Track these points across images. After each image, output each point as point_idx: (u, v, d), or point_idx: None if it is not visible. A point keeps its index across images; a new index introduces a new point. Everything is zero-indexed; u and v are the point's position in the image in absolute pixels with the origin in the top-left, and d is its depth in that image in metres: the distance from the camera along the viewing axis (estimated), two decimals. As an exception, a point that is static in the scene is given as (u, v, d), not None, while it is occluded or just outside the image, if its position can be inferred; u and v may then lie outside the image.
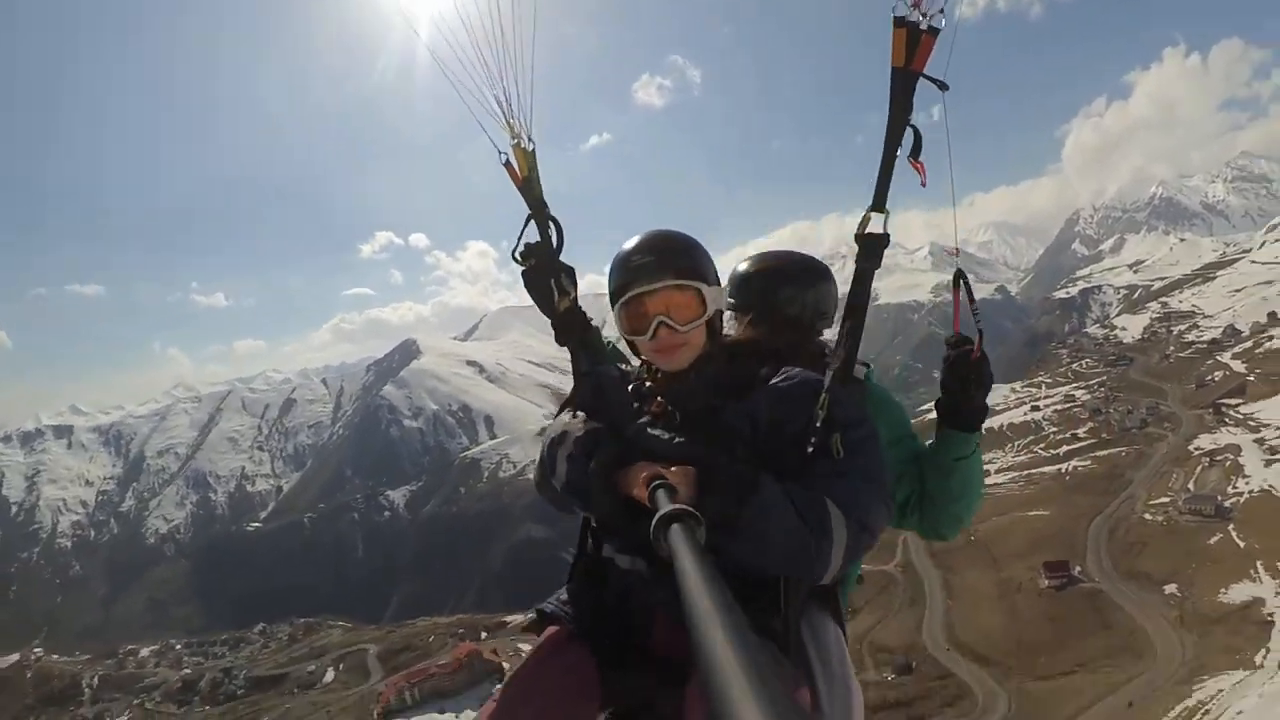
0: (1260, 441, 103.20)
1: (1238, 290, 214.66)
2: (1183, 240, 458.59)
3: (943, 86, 2.59)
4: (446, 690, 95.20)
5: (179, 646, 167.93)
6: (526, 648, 2.33)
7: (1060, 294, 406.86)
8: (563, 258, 3.24)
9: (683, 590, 1.17)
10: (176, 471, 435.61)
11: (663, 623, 2.53)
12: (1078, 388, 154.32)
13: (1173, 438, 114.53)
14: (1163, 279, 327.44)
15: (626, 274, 2.54)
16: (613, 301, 2.60)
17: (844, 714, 2.52)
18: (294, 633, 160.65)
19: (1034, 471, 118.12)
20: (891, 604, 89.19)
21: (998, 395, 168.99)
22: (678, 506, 1.73)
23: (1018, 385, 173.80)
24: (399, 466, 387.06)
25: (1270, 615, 66.67)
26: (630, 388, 2.74)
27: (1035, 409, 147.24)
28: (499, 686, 2.51)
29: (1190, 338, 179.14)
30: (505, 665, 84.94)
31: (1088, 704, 63.64)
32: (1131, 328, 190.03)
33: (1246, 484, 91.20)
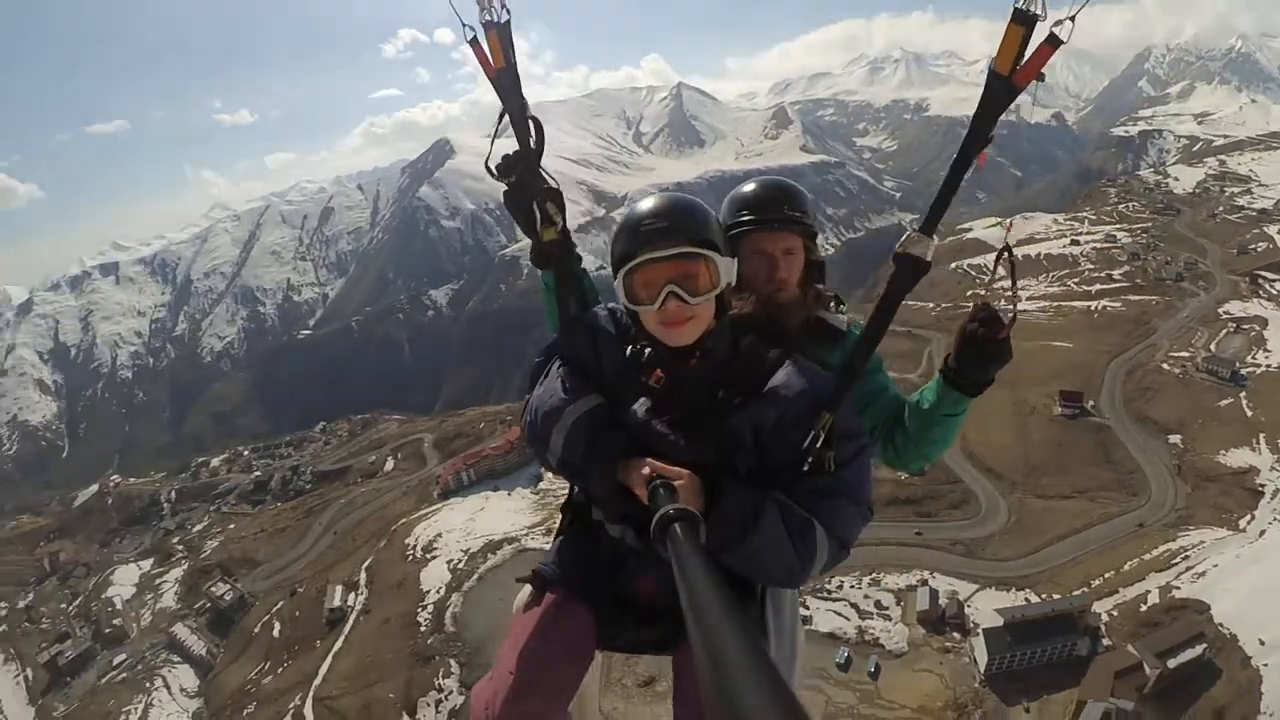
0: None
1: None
2: (1254, 101, 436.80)
3: (1039, 78, 2.34)
4: (499, 470, 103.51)
5: (246, 452, 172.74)
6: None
7: (1118, 131, 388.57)
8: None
9: (684, 593, 1.23)
10: (224, 290, 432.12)
11: (646, 581, 2.73)
12: (1120, 229, 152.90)
13: (1204, 297, 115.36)
14: (1226, 136, 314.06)
15: (636, 239, 2.45)
16: (616, 268, 2.53)
17: (787, 670, 2.83)
18: (353, 428, 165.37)
19: (1064, 304, 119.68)
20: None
21: (1038, 224, 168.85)
22: (678, 507, 1.81)
23: (1061, 217, 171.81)
24: (440, 266, 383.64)
25: (1262, 485, 69.88)
26: (628, 350, 2.69)
27: (1075, 243, 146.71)
28: (506, 654, 2.61)
29: (1241, 202, 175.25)
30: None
31: (1080, 528, 69.24)
32: (1185, 179, 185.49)
33: (1266, 357, 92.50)
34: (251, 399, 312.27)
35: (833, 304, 3.34)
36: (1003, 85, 2.32)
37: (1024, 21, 2.23)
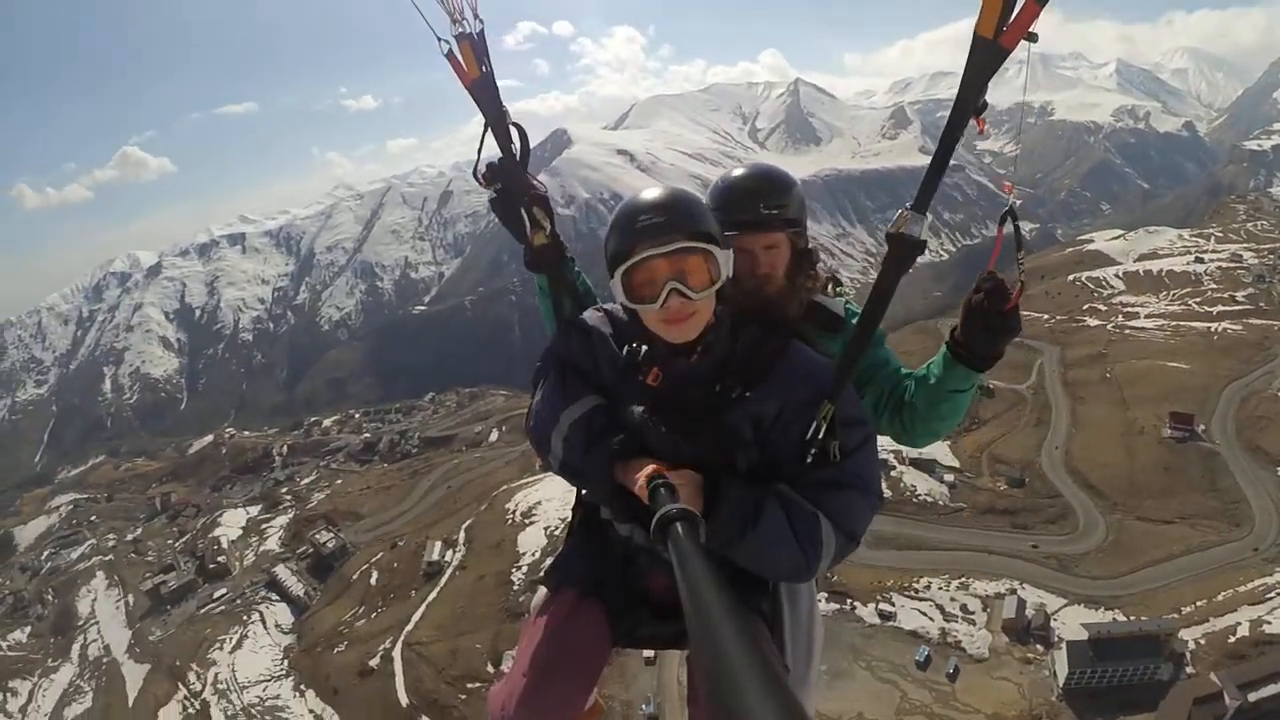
0: None
1: None
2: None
3: (1031, 38, 2.13)
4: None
5: (357, 415, 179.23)
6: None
7: (1251, 144, 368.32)
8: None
9: (684, 593, 1.22)
10: (345, 264, 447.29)
11: (659, 577, 2.72)
12: (1247, 248, 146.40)
13: None
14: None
15: (633, 234, 2.38)
16: (613, 266, 2.45)
17: (804, 666, 2.96)
18: (460, 400, 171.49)
19: (1183, 324, 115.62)
20: (1017, 421, 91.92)
21: (1162, 239, 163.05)
22: (679, 506, 1.76)
23: (1186, 233, 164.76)
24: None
25: None
26: (625, 350, 2.64)
27: (1199, 260, 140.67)
28: (521, 655, 2.63)
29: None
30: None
31: (1178, 553, 68.07)
32: None
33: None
34: (365, 368, 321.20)
35: (830, 286, 3.44)
36: (989, 48, 2.16)
37: None
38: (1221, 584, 63.45)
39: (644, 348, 2.55)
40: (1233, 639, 56.69)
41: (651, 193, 2.45)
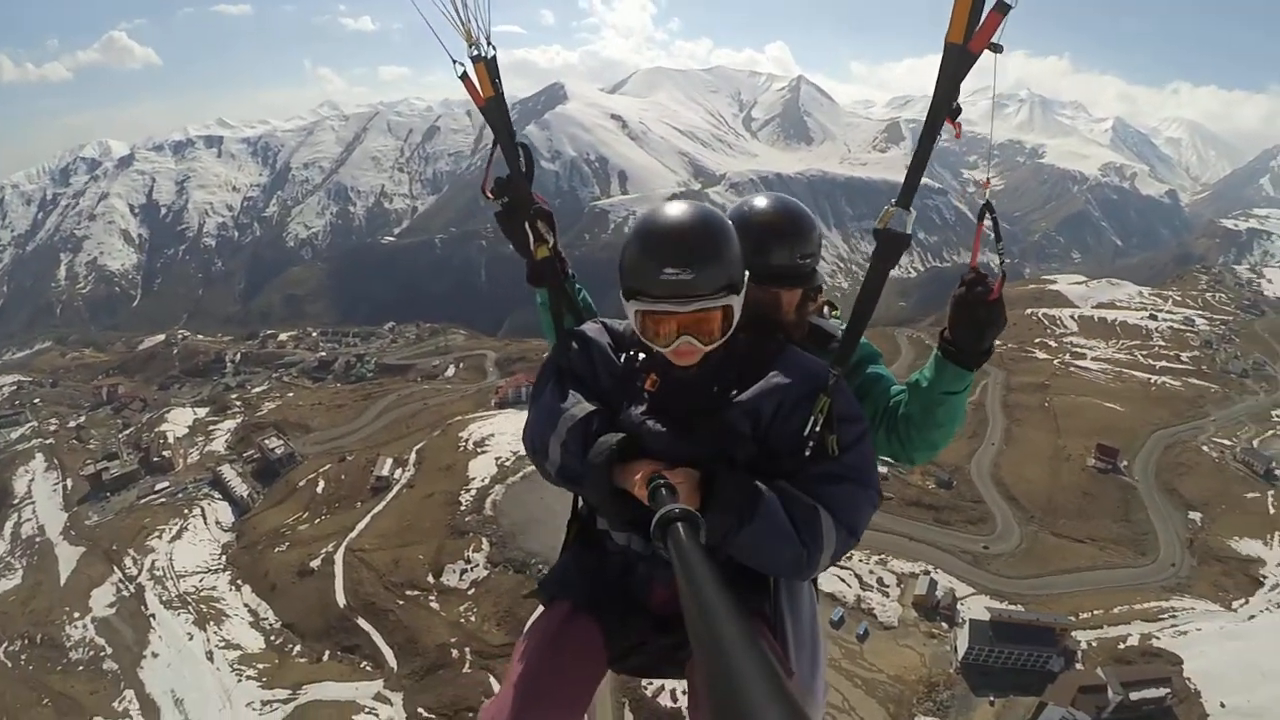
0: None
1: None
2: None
3: (996, 49, 2.26)
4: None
5: (315, 334, 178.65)
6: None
7: (1228, 222, 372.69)
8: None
9: (684, 593, 1.20)
10: (319, 184, 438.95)
11: (659, 587, 2.72)
12: (1201, 315, 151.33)
13: (1263, 397, 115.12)
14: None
15: (653, 284, 2.31)
16: (627, 294, 2.41)
17: (810, 668, 2.89)
18: (420, 333, 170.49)
19: (1125, 371, 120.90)
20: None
21: (1122, 292, 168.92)
22: (679, 507, 1.72)
23: (1146, 290, 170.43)
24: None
25: (1264, 576, 71.69)
26: (623, 357, 2.71)
27: (1153, 318, 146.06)
28: (513, 670, 2.57)
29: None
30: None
31: (1083, 567, 72.92)
32: (1279, 284, 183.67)
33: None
34: (325, 289, 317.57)
35: (825, 309, 3.45)
36: (958, 52, 2.31)
37: None
38: (1120, 600, 68.04)
39: (641, 355, 2.64)
40: (1122, 646, 61.50)
41: (681, 234, 2.32)
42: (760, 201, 3.22)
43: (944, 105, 2.39)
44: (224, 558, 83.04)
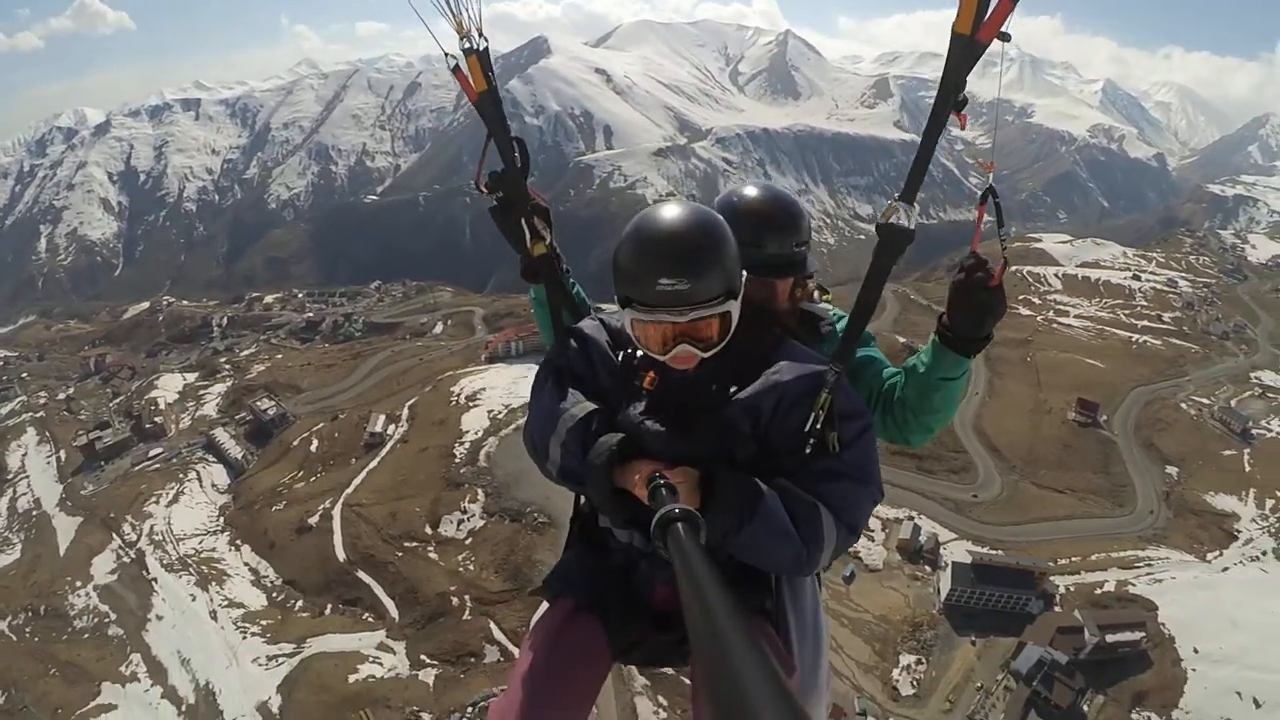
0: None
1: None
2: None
3: (1005, 38, 2.29)
4: (546, 350, 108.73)
5: (301, 295, 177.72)
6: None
7: (1215, 188, 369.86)
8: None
9: (684, 592, 1.21)
10: (300, 144, 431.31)
11: (661, 585, 2.73)
12: (1184, 276, 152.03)
13: (1242, 359, 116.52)
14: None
15: (649, 293, 2.29)
16: (623, 300, 2.41)
17: (813, 662, 2.90)
18: (407, 291, 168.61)
19: (1108, 329, 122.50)
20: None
21: (1106, 252, 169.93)
22: (679, 507, 1.72)
23: (1131, 251, 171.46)
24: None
25: (1238, 531, 72.98)
26: (621, 355, 2.71)
27: (1136, 278, 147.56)
28: (518, 669, 2.61)
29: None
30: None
31: (1062, 516, 74.84)
32: (1262, 250, 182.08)
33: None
34: (308, 250, 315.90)
35: (815, 293, 3.48)
36: (966, 43, 2.33)
37: None
38: (1098, 548, 69.78)
39: (639, 353, 2.63)
40: (1099, 591, 63.31)
41: (677, 242, 2.30)
42: (750, 191, 3.32)
43: (949, 98, 2.43)
44: (222, 519, 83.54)
